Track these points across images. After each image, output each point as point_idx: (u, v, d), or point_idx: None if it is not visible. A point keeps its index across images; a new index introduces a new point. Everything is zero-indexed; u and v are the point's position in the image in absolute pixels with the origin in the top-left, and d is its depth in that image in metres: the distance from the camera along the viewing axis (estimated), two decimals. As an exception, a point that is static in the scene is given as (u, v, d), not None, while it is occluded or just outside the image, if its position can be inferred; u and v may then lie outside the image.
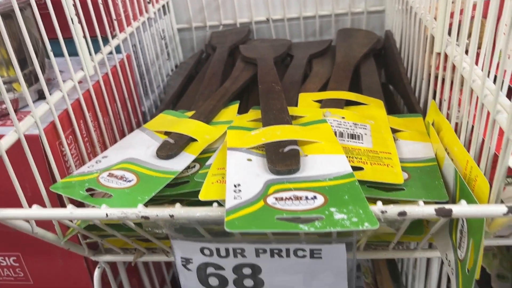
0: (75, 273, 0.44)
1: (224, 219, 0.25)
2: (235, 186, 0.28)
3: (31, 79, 0.40)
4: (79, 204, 0.31)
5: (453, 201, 0.31)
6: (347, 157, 0.32)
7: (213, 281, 0.30)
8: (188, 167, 0.36)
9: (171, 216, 0.27)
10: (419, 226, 0.36)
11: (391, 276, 0.59)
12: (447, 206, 0.25)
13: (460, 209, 0.25)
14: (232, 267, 0.29)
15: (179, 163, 0.36)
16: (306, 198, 0.27)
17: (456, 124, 0.37)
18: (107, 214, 0.28)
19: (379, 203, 0.26)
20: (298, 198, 0.27)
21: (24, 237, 0.42)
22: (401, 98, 0.52)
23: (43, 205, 0.32)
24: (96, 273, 0.42)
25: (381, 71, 0.58)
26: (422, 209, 0.26)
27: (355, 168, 0.31)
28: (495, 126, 0.29)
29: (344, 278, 0.29)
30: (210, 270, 0.30)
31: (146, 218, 0.28)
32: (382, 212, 0.26)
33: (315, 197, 0.27)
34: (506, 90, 0.30)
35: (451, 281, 0.46)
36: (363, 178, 0.31)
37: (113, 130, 0.47)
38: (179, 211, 0.28)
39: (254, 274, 0.29)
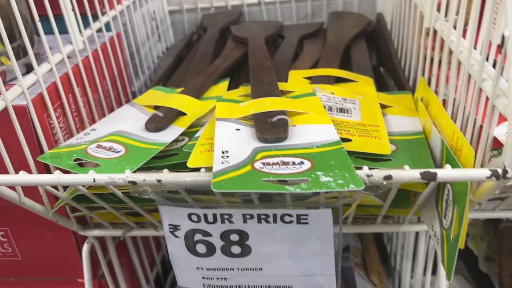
0: (64, 249, 0.44)
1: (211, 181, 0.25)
2: (223, 152, 0.28)
3: (19, 53, 0.40)
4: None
5: (439, 170, 0.31)
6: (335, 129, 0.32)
7: (201, 248, 0.30)
8: (177, 140, 0.36)
9: (159, 181, 0.27)
10: (406, 199, 0.36)
11: (380, 257, 0.59)
12: (432, 170, 0.26)
13: (445, 173, 0.26)
14: (219, 234, 0.29)
15: (168, 135, 0.36)
16: (293, 163, 0.27)
17: (444, 100, 0.38)
18: (94, 179, 0.28)
19: (365, 167, 0.27)
20: (285, 164, 0.27)
21: (12, 212, 0.42)
22: (391, 78, 0.52)
23: (30, 175, 0.31)
24: (85, 248, 0.42)
25: (372, 55, 0.58)
26: (407, 173, 0.26)
27: (343, 140, 0.32)
28: (482, 96, 0.30)
29: (330, 245, 0.29)
30: (197, 236, 0.30)
31: (134, 183, 0.28)
32: (368, 176, 0.26)
33: (302, 163, 0.27)
34: (492, 61, 0.31)
35: (437, 257, 0.47)
36: (351, 149, 0.31)
37: (103, 108, 0.47)
38: (166, 176, 0.28)
39: (242, 240, 0.30)
